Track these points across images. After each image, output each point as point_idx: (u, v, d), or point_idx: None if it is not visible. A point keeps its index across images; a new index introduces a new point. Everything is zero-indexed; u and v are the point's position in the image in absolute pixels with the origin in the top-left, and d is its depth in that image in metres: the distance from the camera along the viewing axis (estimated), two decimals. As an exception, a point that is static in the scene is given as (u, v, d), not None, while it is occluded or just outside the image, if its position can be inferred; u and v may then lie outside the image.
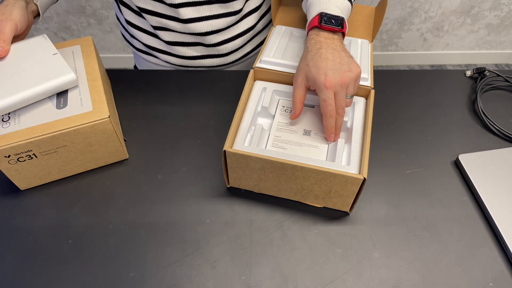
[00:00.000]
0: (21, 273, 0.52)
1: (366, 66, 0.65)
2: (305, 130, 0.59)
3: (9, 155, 0.53)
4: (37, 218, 0.57)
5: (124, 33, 0.86)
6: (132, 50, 0.88)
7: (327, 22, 0.58)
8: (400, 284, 0.52)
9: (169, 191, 0.60)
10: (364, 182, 0.50)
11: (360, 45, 0.69)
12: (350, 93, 0.56)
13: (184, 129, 0.68)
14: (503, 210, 0.57)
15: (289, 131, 0.59)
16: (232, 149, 0.53)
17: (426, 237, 0.56)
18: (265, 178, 0.56)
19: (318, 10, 0.60)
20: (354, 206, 0.56)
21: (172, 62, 0.81)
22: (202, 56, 0.79)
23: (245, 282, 0.51)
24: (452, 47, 2.04)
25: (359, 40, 0.70)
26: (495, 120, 0.70)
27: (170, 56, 0.80)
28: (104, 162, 0.62)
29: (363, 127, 0.58)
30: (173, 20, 0.73)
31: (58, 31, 1.83)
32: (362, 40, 0.70)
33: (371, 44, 0.70)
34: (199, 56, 0.79)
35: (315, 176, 0.52)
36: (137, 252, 0.54)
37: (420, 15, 1.85)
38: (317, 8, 0.60)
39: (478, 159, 0.63)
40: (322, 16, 0.59)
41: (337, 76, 0.53)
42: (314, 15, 0.60)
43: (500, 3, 1.81)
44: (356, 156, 0.54)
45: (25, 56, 0.59)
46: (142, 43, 0.80)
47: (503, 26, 1.93)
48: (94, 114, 0.55)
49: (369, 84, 0.62)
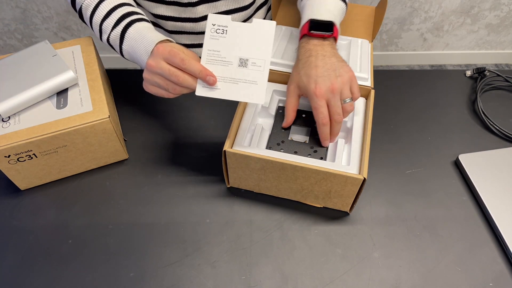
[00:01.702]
0: (21, 273, 0.52)
1: (366, 66, 0.65)
2: (241, 59, 0.51)
3: (9, 155, 0.53)
4: (37, 218, 0.57)
5: None
6: None
7: (317, 29, 0.58)
8: (400, 284, 0.52)
9: (169, 191, 0.60)
10: (364, 182, 0.50)
11: (360, 45, 0.69)
12: (346, 97, 0.54)
13: (184, 129, 0.68)
14: (503, 210, 0.57)
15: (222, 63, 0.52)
16: (232, 149, 0.53)
17: (426, 237, 0.56)
18: (265, 178, 0.56)
19: (308, 16, 0.60)
20: (354, 206, 0.56)
21: None
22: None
23: (245, 282, 0.51)
24: (452, 47, 2.04)
25: (359, 40, 0.70)
26: (495, 120, 0.70)
27: None
28: (104, 162, 0.62)
29: (363, 127, 0.58)
30: (188, 22, 0.74)
31: (58, 31, 1.83)
32: (362, 40, 0.70)
33: (371, 44, 0.70)
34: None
35: (315, 176, 0.52)
36: (137, 252, 0.54)
37: (420, 15, 1.85)
38: (308, 14, 0.60)
39: (478, 159, 0.63)
40: (311, 23, 0.58)
41: (327, 82, 0.53)
42: (304, 22, 0.60)
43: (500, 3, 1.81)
44: (356, 156, 0.54)
45: (27, 61, 0.60)
46: None
47: (503, 26, 1.93)
48: (94, 114, 0.55)
49: (369, 84, 0.62)
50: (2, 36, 1.85)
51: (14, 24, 1.79)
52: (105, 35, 0.60)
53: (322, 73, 0.53)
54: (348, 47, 0.69)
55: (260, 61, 0.50)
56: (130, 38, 0.57)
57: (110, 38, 0.59)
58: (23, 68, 0.59)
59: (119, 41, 0.59)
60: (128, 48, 0.58)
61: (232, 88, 0.50)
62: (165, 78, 0.51)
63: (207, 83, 0.50)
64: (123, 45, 0.58)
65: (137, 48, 0.56)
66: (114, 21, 0.58)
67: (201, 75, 0.49)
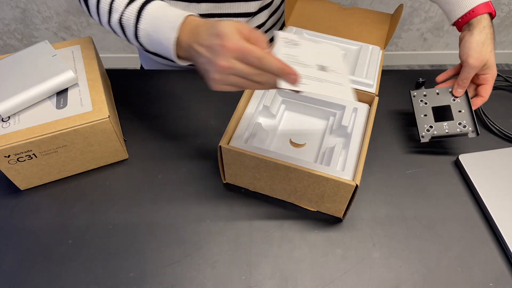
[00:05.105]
0: (21, 273, 0.52)
1: (372, 72, 0.64)
2: (319, 65, 0.48)
3: (9, 155, 0.53)
4: (37, 218, 0.57)
5: None
6: (140, 50, 0.87)
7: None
8: (400, 284, 0.52)
9: (169, 191, 0.60)
10: (356, 189, 0.50)
11: (370, 51, 0.69)
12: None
13: (184, 129, 0.68)
14: (503, 210, 0.57)
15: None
16: (227, 145, 0.53)
17: (426, 237, 0.56)
18: (259, 177, 0.55)
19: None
20: (347, 213, 0.56)
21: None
22: None
23: (245, 282, 0.51)
24: (452, 47, 2.04)
25: (370, 46, 0.70)
26: (495, 120, 0.70)
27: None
28: (104, 162, 0.62)
29: (363, 134, 0.58)
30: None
31: (58, 31, 1.83)
32: (373, 47, 0.70)
33: (382, 51, 0.70)
34: None
35: (308, 179, 0.52)
36: (137, 252, 0.54)
37: (420, 15, 1.85)
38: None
39: (478, 159, 0.63)
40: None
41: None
42: (481, 2, 0.63)
43: (500, 3, 1.81)
44: (352, 162, 0.54)
45: (27, 61, 0.60)
46: None
47: (503, 26, 1.93)
48: (94, 114, 0.55)
49: (374, 91, 0.62)
50: (2, 36, 1.85)
51: (14, 24, 1.79)
52: (116, 14, 0.53)
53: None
54: (358, 52, 0.69)
55: (339, 70, 0.48)
56: (150, 15, 0.50)
57: (124, 16, 0.52)
58: (23, 68, 0.59)
59: (134, 19, 0.51)
60: (147, 26, 0.51)
61: (319, 85, 0.45)
62: (242, 77, 0.44)
63: (288, 81, 0.42)
64: (140, 24, 0.51)
65: (160, 26, 0.49)
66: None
67: (282, 73, 0.42)
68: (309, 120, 0.64)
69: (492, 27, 0.63)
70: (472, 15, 0.62)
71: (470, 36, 0.62)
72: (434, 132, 0.63)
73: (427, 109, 0.65)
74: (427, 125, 0.64)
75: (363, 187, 0.61)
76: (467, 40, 0.62)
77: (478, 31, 0.62)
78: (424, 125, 0.64)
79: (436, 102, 0.65)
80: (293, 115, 0.64)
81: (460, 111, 0.63)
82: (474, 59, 0.61)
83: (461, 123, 0.63)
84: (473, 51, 0.61)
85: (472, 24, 0.63)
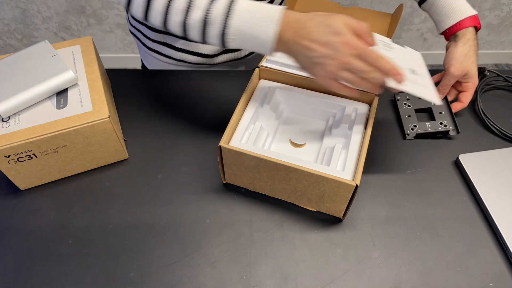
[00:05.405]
0: (21, 273, 0.52)
1: None
2: (409, 68, 0.57)
3: (9, 155, 0.53)
4: (37, 218, 0.57)
5: (135, 32, 0.84)
6: (141, 49, 0.87)
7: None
8: (400, 284, 0.52)
9: (169, 191, 0.60)
10: (356, 189, 0.50)
11: None
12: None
13: (184, 129, 0.68)
14: (503, 210, 0.57)
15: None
16: (227, 145, 0.53)
17: (426, 237, 0.56)
18: (259, 177, 0.55)
19: (471, 12, 0.66)
20: (347, 213, 0.56)
21: (188, 61, 0.81)
22: (220, 53, 0.80)
23: (245, 282, 0.51)
24: (452, 47, 2.04)
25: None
26: (495, 120, 0.70)
27: (187, 54, 0.79)
28: (104, 162, 0.62)
29: (363, 134, 0.58)
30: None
31: (58, 31, 1.84)
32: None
33: None
34: (217, 54, 0.80)
35: (308, 179, 0.52)
36: (137, 252, 0.54)
37: (420, 15, 1.85)
38: (464, 9, 0.67)
39: (478, 159, 0.63)
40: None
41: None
42: (468, 16, 0.66)
43: (500, 3, 1.81)
44: (352, 162, 0.54)
45: (27, 61, 0.60)
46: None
47: (503, 26, 1.93)
48: (94, 114, 0.55)
49: None
50: (2, 36, 1.85)
51: (14, 24, 1.79)
52: (199, 11, 0.50)
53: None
54: None
55: (424, 74, 0.57)
56: (243, 10, 0.49)
57: (211, 13, 0.49)
58: (23, 68, 0.59)
59: (223, 16, 0.49)
60: (239, 22, 0.49)
61: (414, 86, 0.53)
62: (354, 73, 0.49)
63: (396, 80, 0.50)
64: (231, 20, 0.49)
65: (255, 21, 0.48)
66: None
67: (392, 73, 0.49)
68: (309, 120, 0.64)
69: (476, 39, 0.67)
70: (459, 27, 0.67)
71: (454, 47, 0.67)
72: (418, 130, 0.68)
73: (411, 111, 0.71)
74: (412, 124, 0.69)
75: (363, 187, 0.61)
76: (451, 50, 0.67)
77: (462, 43, 0.66)
78: (409, 124, 0.69)
79: (419, 105, 0.72)
80: (293, 115, 0.64)
81: (441, 113, 0.69)
82: (455, 69, 0.66)
83: (442, 122, 0.68)
84: (455, 61, 0.66)
85: (458, 36, 0.67)
